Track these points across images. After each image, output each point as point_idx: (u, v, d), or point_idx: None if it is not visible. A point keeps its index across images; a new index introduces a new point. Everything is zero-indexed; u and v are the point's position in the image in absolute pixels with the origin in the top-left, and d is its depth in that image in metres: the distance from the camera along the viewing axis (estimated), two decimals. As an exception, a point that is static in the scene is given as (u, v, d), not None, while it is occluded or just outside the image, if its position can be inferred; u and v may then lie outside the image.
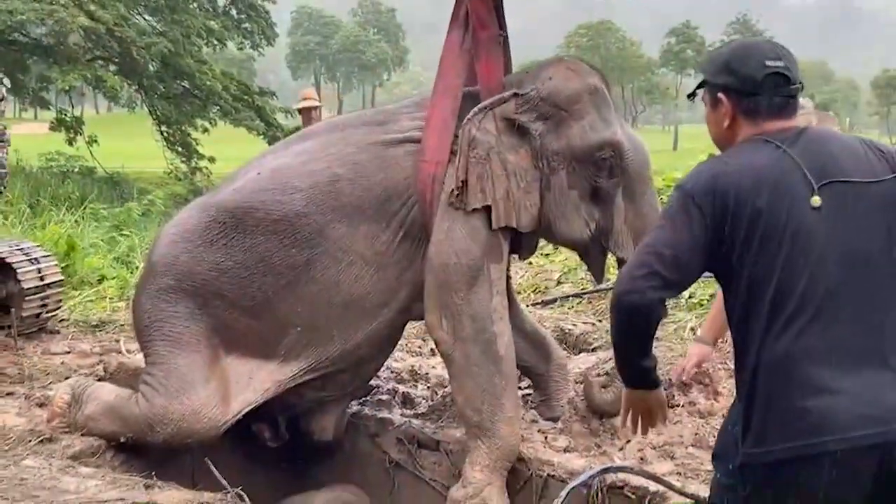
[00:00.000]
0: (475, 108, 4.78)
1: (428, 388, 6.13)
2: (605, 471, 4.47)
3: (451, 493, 4.90)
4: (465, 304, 4.77)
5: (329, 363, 5.12)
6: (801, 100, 3.14)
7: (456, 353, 4.87)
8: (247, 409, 4.98)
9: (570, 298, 7.60)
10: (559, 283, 7.98)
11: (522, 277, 8.74)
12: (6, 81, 23.94)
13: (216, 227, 4.95)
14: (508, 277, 5.30)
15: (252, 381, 5.02)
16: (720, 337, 4.31)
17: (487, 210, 4.75)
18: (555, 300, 7.58)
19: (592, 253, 5.11)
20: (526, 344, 5.49)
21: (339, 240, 4.87)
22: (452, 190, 4.73)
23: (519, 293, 7.57)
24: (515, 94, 4.82)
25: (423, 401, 5.95)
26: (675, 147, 62.73)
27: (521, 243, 5.16)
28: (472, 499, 4.77)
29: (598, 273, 5.33)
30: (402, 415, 5.72)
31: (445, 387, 6.07)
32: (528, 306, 7.36)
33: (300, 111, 9.65)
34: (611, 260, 5.25)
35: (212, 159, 25.60)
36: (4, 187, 8.77)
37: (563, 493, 3.97)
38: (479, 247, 4.79)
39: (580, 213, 4.87)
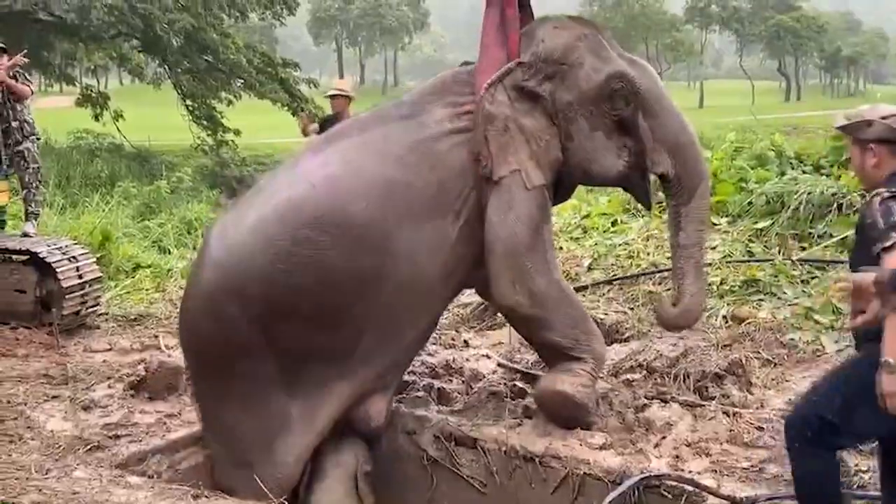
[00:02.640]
0: (486, 83, 5.06)
1: (463, 382, 6.15)
2: (644, 480, 4.52)
3: (544, 385, 5.28)
4: (533, 265, 5.11)
5: (399, 353, 5.36)
6: None
7: (536, 309, 5.19)
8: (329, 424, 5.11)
9: (602, 285, 7.61)
10: (590, 269, 7.97)
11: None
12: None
13: (282, 248, 4.77)
14: None
15: (332, 396, 5.08)
16: None
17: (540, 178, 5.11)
18: (586, 287, 7.58)
19: (634, 181, 5.41)
20: None
21: (406, 241, 4.95)
22: (479, 160, 5.01)
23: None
24: (519, 63, 5.13)
25: (459, 395, 5.99)
26: (701, 104, 62.07)
27: (556, 195, 5.47)
28: (568, 377, 5.15)
29: (644, 199, 5.63)
30: (438, 411, 5.77)
31: (480, 381, 6.14)
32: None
33: (332, 97, 9.55)
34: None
35: (237, 132, 25.68)
36: (40, 181, 8.84)
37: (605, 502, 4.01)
38: (537, 210, 5.13)
39: (611, 149, 5.23)
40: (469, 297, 7.20)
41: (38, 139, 8.66)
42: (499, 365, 6.36)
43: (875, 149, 3.39)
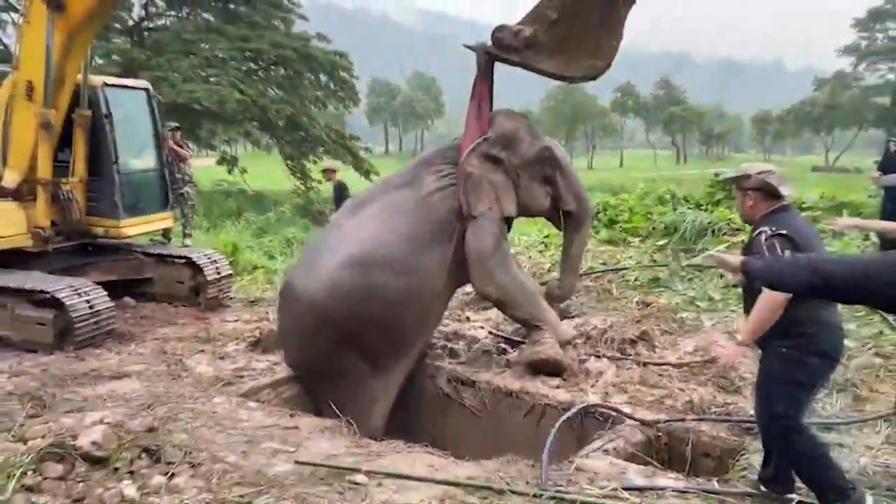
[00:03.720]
0: (465, 152, 5.24)
1: (466, 343, 6.12)
2: (585, 408, 4.49)
3: (530, 356, 5.20)
4: (494, 262, 5.18)
5: (430, 334, 5.56)
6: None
7: (502, 295, 5.28)
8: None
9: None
10: (549, 271, 7.95)
11: (525, 267, 8.75)
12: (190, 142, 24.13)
13: (356, 288, 4.86)
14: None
15: (398, 374, 5.27)
16: None
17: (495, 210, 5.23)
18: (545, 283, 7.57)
19: (552, 214, 5.60)
20: None
21: (425, 264, 5.10)
22: (460, 206, 5.18)
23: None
24: (485, 139, 5.29)
25: (463, 353, 5.98)
26: (621, 165, 61.86)
27: (509, 225, 5.60)
28: (545, 348, 5.15)
29: (557, 225, 5.75)
30: (449, 363, 5.75)
31: (477, 343, 6.13)
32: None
33: (324, 171, 9.66)
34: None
35: (319, 181, 25.71)
36: (193, 213, 8.99)
37: (557, 425, 3.99)
38: (495, 229, 5.23)
39: (542, 194, 5.44)
40: (469, 289, 7.18)
41: (194, 185, 8.73)
42: (489, 333, 6.35)
43: (752, 194, 3.29)
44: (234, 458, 3.63)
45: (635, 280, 6.92)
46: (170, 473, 3.34)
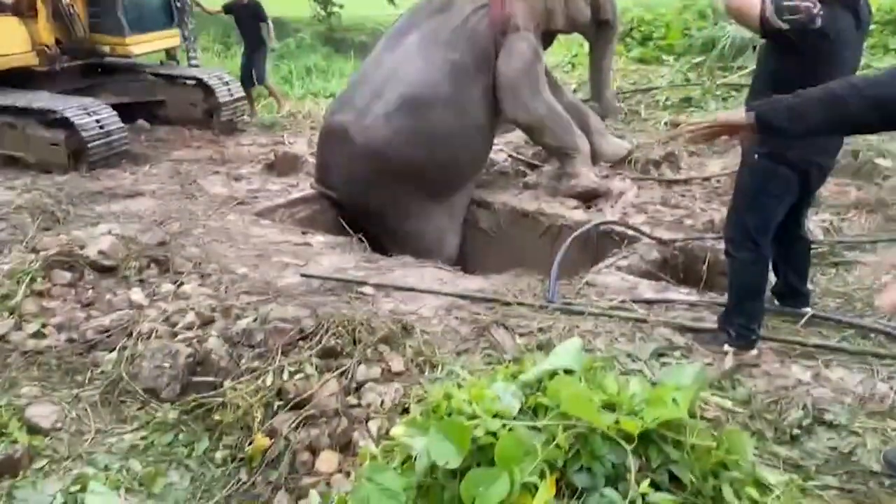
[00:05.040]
0: None
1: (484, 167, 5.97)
2: (598, 224, 4.37)
3: (567, 189, 5.06)
4: (530, 91, 4.96)
5: (484, 163, 5.48)
6: None
7: (533, 122, 5.08)
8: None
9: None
10: (574, 91, 7.52)
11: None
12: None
13: (416, 128, 4.69)
14: (546, 68, 5.41)
15: (462, 205, 5.26)
16: None
17: (532, 27, 4.98)
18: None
19: (590, 28, 5.35)
20: (568, 111, 5.38)
21: (472, 96, 4.88)
22: (511, 18, 4.87)
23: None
24: None
25: (482, 176, 5.84)
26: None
27: (546, 42, 5.37)
28: (580, 179, 5.03)
29: (592, 37, 5.51)
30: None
31: (495, 165, 5.96)
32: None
33: None
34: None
35: (341, 6, 24.39)
36: (195, 37, 8.61)
37: (569, 240, 3.88)
38: (530, 52, 4.96)
39: (584, 4, 5.18)
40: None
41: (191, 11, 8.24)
42: (508, 155, 6.13)
43: None
44: (243, 269, 3.64)
45: (665, 100, 6.48)
46: (178, 282, 3.36)
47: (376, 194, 4.89)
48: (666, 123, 6.09)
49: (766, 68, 2.80)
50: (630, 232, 4.42)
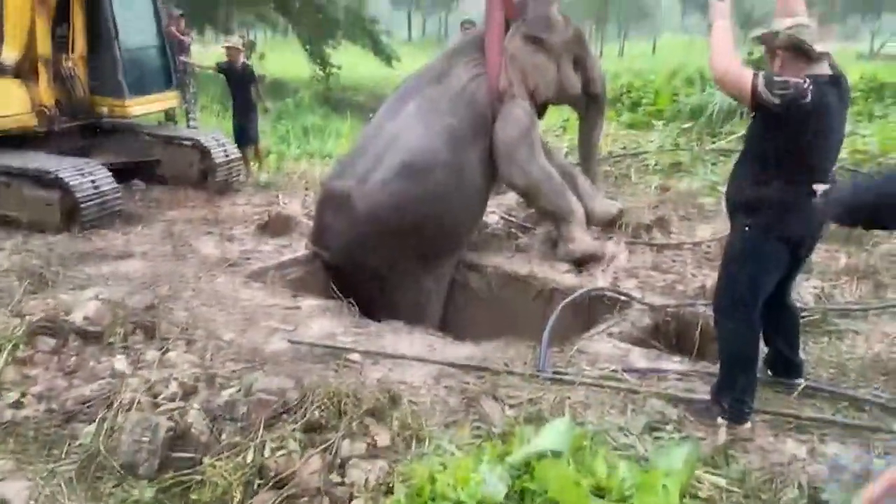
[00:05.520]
0: (509, 33, 5.04)
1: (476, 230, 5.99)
2: (590, 291, 4.35)
3: (566, 255, 5.08)
4: (526, 155, 5.02)
5: (475, 227, 5.48)
6: None
7: (529, 186, 5.12)
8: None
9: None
10: (566, 155, 7.62)
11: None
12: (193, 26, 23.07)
13: (414, 194, 4.69)
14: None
15: (449, 271, 5.26)
16: None
17: (527, 96, 5.08)
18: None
19: (580, 99, 5.45)
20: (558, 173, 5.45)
21: (469, 161, 4.92)
22: (507, 88, 4.99)
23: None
24: (524, 20, 5.09)
25: (473, 238, 5.86)
26: (654, 52, 58.98)
27: (540, 112, 5.42)
28: (578, 243, 5.05)
29: (582, 109, 5.61)
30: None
31: (487, 227, 5.97)
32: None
33: (227, 48, 8.89)
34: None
35: (339, 67, 24.99)
36: (196, 99, 8.78)
37: (560, 306, 3.85)
38: (526, 118, 5.05)
39: (577, 78, 5.29)
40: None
41: (195, 73, 8.43)
42: (500, 217, 6.16)
43: (781, 54, 2.78)
44: (230, 335, 3.59)
45: (655, 165, 6.57)
46: (164, 349, 3.31)
47: (372, 257, 4.89)
48: (656, 188, 6.15)
49: (755, 139, 2.84)
50: (622, 297, 4.40)
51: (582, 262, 5.05)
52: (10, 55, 6.41)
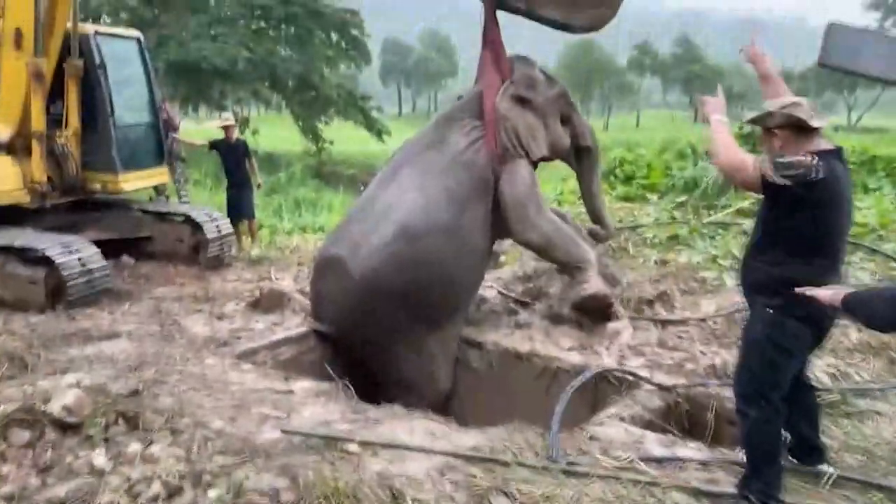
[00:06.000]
0: (497, 97, 5.04)
1: (474, 304, 5.82)
2: (600, 371, 4.16)
3: (576, 296, 5.05)
4: (536, 211, 5.03)
5: (476, 294, 5.43)
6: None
7: (543, 240, 5.08)
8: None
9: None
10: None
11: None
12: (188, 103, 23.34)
13: (411, 258, 4.60)
14: None
15: (456, 337, 5.13)
16: None
17: (524, 154, 5.10)
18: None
19: (570, 153, 5.51)
20: None
21: (467, 223, 4.87)
22: (504, 150, 4.99)
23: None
24: (512, 82, 5.12)
25: (471, 313, 5.69)
26: (638, 125, 60.62)
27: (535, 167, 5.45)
28: (590, 285, 5.03)
29: (573, 164, 5.66)
30: (457, 323, 5.44)
31: (486, 303, 5.83)
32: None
33: (225, 128, 8.99)
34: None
35: (331, 142, 25.35)
36: (186, 177, 8.85)
37: (569, 390, 3.66)
38: (529, 176, 5.07)
39: (563, 132, 5.33)
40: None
41: (176, 131, 8.49)
42: (498, 292, 6.01)
43: (780, 134, 2.73)
44: (219, 424, 3.35)
45: (653, 238, 6.50)
46: (148, 440, 3.07)
47: (371, 326, 4.73)
48: (656, 261, 6.06)
49: (769, 221, 2.74)
50: (630, 377, 4.22)
51: (588, 306, 5.03)
52: (4, 131, 6.37)
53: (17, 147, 6.43)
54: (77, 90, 6.62)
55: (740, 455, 3.22)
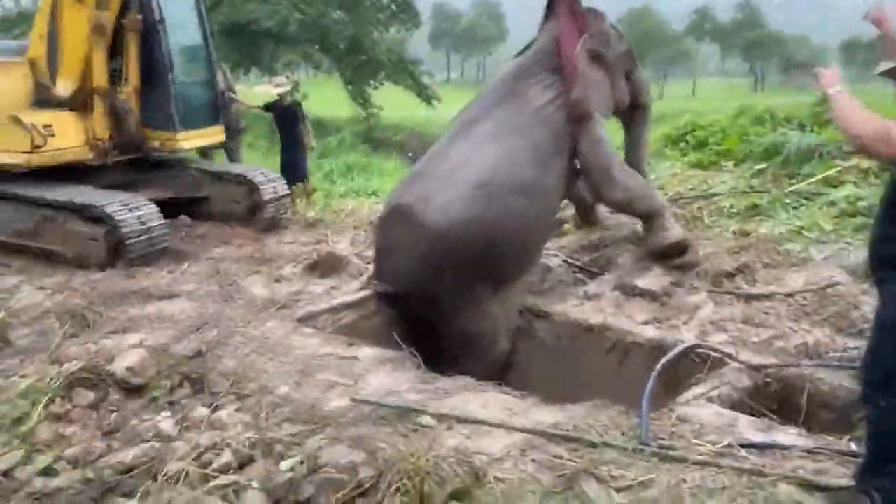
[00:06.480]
0: (577, 51, 4.92)
1: (539, 273, 5.56)
2: (689, 348, 3.86)
3: (659, 244, 5.08)
4: (616, 169, 4.97)
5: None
6: None
7: (626, 196, 5.03)
8: None
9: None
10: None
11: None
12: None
13: (492, 213, 4.39)
14: None
15: (519, 299, 4.97)
16: None
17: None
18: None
19: (628, 111, 5.47)
20: None
21: (547, 180, 4.71)
22: (578, 105, 4.81)
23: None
24: (589, 36, 5.01)
25: (536, 283, 5.45)
26: (694, 93, 58.69)
27: None
28: (670, 231, 5.08)
29: (627, 121, 5.62)
30: (522, 293, 5.21)
31: (550, 272, 5.57)
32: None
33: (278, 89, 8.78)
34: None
35: (380, 108, 25.12)
36: (240, 136, 8.84)
37: (658, 367, 3.39)
38: (606, 135, 4.99)
39: (625, 89, 5.30)
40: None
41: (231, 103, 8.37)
42: (563, 262, 5.73)
43: None
44: (285, 389, 3.21)
45: (730, 207, 6.08)
46: (213, 405, 2.94)
47: (437, 281, 4.46)
48: (734, 232, 5.67)
49: None
50: (713, 355, 3.93)
51: (670, 253, 5.03)
52: (66, 87, 6.30)
53: (79, 103, 6.38)
54: (137, 46, 6.52)
55: (851, 445, 2.94)
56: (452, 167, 4.60)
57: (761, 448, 2.85)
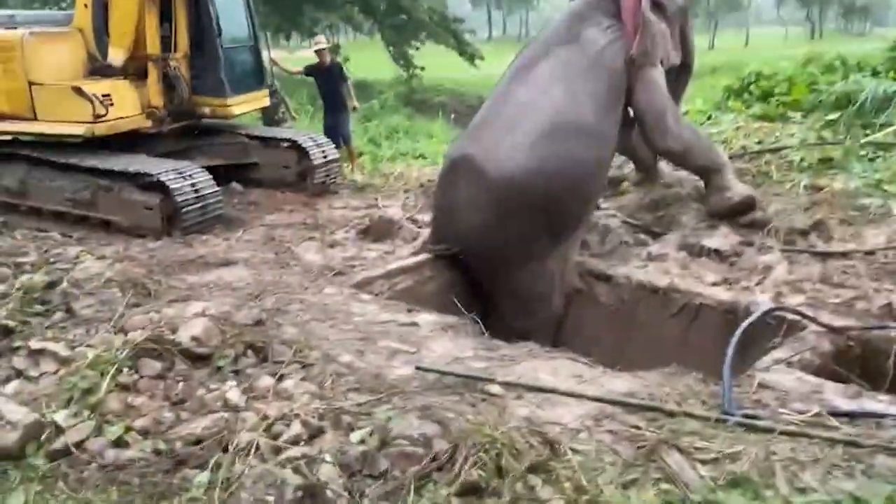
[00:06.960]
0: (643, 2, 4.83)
1: (598, 234, 5.39)
2: (770, 310, 3.65)
3: (723, 204, 4.95)
4: (671, 117, 4.87)
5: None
6: None
7: (683, 147, 4.94)
8: None
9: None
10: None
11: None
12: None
13: (556, 158, 4.39)
14: None
15: (575, 253, 4.93)
16: None
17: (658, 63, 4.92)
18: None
19: (674, 69, 5.25)
20: None
21: (607, 127, 4.69)
22: (643, 53, 4.77)
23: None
24: None
25: (596, 244, 5.28)
26: (747, 44, 56.22)
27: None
28: (734, 190, 4.96)
29: (671, 78, 5.28)
30: (580, 255, 5.04)
31: (610, 233, 5.38)
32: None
33: (318, 51, 8.51)
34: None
35: (422, 68, 24.73)
36: (286, 103, 8.81)
37: (738, 331, 3.20)
38: (664, 83, 4.90)
39: (679, 45, 5.21)
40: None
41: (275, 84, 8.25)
42: (623, 222, 5.53)
43: None
44: (348, 357, 3.15)
45: (801, 161, 5.74)
46: (278, 375, 2.90)
47: (500, 234, 4.48)
48: (806, 187, 5.37)
49: None
50: (791, 317, 3.72)
51: (735, 212, 4.91)
52: (117, 56, 6.27)
53: (131, 71, 6.36)
54: (186, 11, 6.46)
55: (952, 414, 2.74)
56: (515, 113, 4.53)
57: (853, 417, 2.68)
